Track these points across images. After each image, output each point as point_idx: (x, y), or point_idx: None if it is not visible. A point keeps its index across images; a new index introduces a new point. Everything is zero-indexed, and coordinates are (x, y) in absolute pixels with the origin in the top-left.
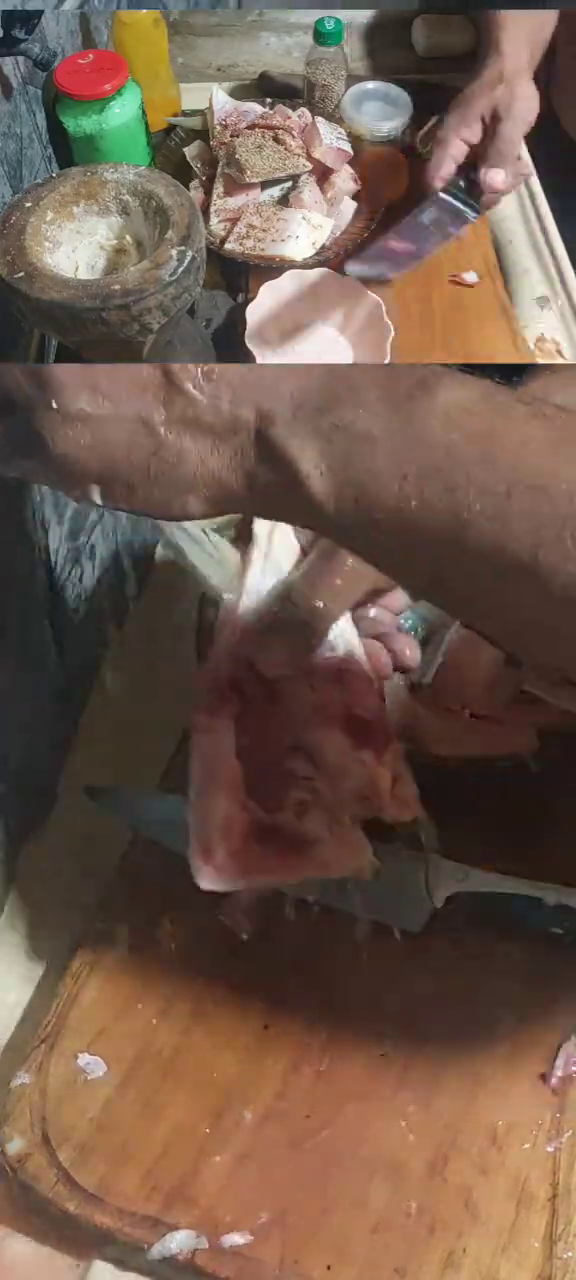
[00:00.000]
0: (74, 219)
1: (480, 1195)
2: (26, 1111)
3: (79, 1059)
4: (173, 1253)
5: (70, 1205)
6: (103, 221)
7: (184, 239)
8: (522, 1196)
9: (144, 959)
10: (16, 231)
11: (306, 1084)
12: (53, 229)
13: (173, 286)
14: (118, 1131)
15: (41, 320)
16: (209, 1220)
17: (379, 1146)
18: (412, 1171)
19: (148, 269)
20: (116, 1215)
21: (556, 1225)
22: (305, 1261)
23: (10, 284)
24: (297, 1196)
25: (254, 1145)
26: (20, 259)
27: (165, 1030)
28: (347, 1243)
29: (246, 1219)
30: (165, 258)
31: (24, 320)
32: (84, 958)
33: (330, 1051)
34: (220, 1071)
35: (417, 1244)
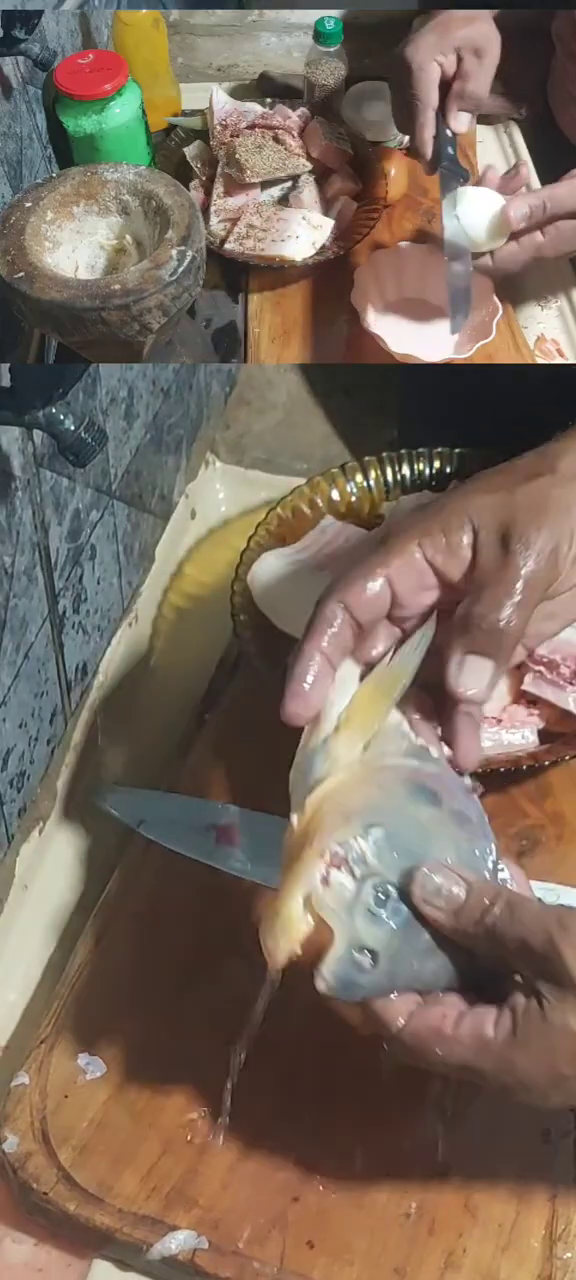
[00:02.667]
0: (74, 219)
1: (480, 1195)
2: (26, 1111)
3: (79, 1059)
4: (173, 1253)
5: (70, 1205)
6: (103, 221)
7: (184, 239)
8: (522, 1196)
9: (144, 959)
10: (16, 231)
11: (307, 1084)
12: (53, 229)
13: (173, 286)
14: (118, 1131)
15: (41, 320)
16: (209, 1220)
17: (379, 1147)
18: (413, 1171)
19: (148, 269)
20: (116, 1215)
21: (556, 1225)
22: (305, 1261)
23: (10, 284)
24: (298, 1196)
25: (254, 1145)
26: (20, 259)
27: (165, 1030)
28: (348, 1243)
29: (246, 1219)
30: (165, 258)
31: (24, 320)
32: (84, 957)
33: (330, 1051)
34: (220, 1071)
35: (417, 1244)
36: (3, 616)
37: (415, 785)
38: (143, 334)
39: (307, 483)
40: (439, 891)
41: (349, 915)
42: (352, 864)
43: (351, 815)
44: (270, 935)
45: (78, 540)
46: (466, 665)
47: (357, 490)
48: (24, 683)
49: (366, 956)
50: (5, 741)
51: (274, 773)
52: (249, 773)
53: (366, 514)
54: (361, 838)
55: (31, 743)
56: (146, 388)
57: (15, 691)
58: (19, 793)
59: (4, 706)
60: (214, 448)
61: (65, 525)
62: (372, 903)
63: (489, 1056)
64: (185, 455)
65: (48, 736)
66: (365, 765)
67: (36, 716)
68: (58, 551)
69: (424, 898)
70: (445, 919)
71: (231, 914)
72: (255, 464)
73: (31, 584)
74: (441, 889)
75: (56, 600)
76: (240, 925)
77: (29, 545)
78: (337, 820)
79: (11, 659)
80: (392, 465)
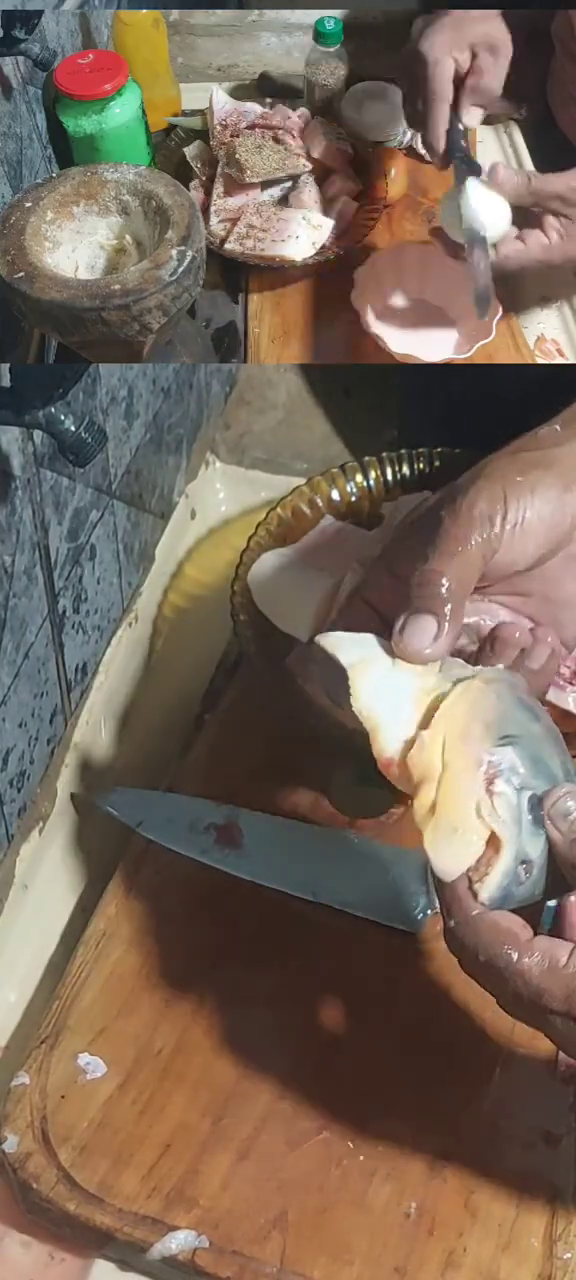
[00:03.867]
0: (74, 219)
1: (480, 1195)
2: (26, 1111)
3: (79, 1059)
4: (173, 1253)
5: (70, 1205)
6: (103, 221)
7: (184, 239)
8: (522, 1196)
9: (144, 959)
10: (16, 231)
11: (306, 1084)
12: (53, 229)
13: (173, 286)
14: (118, 1131)
15: (41, 320)
16: (209, 1220)
17: (379, 1146)
18: (412, 1171)
19: (148, 269)
20: (117, 1215)
21: (556, 1225)
22: (305, 1261)
23: (10, 284)
24: (298, 1196)
25: (254, 1145)
26: (20, 259)
27: (165, 1030)
28: (347, 1243)
29: (246, 1219)
30: (165, 258)
31: (24, 320)
32: (84, 957)
33: (330, 1050)
34: (220, 1071)
35: (417, 1244)
36: (3, 616)
37: (519, 699)
38: (143, 334)
39: (307, 483)
40: (567, 815)
41: (517, 827)
42: (508, 774)
43: (491, 725)
44: (446, 850)
45: (77, 540)
46: (408, 625)
47: (357, 490)
48: (24, 683)
49: (523, 869)
50: (5, 741)
51: (273, 772)
52: (249, 773)
53: (366, 514)
54: (507, 748)
55: (31, 743)
56: (146, 387)
57: (15, 691)
58: (19, 793)
59: (4, 706)
60: (214, 448)
61: (65, 525)
62: (532, 815)
63: (555, 979)
64: (185, 455)
65: (48, 736)
66: (479, 678)
67: (36, 716)
68: (58, 551)
69: (551, 815)
70: (562, 843)
71: (231, 914)
72: (255, 464)
73: (31, 584)
74: (571, 814)
75: (56, 600)
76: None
77: (29, 545)
78: (479, 729)
79: (11, 659)
80: (392, 465)
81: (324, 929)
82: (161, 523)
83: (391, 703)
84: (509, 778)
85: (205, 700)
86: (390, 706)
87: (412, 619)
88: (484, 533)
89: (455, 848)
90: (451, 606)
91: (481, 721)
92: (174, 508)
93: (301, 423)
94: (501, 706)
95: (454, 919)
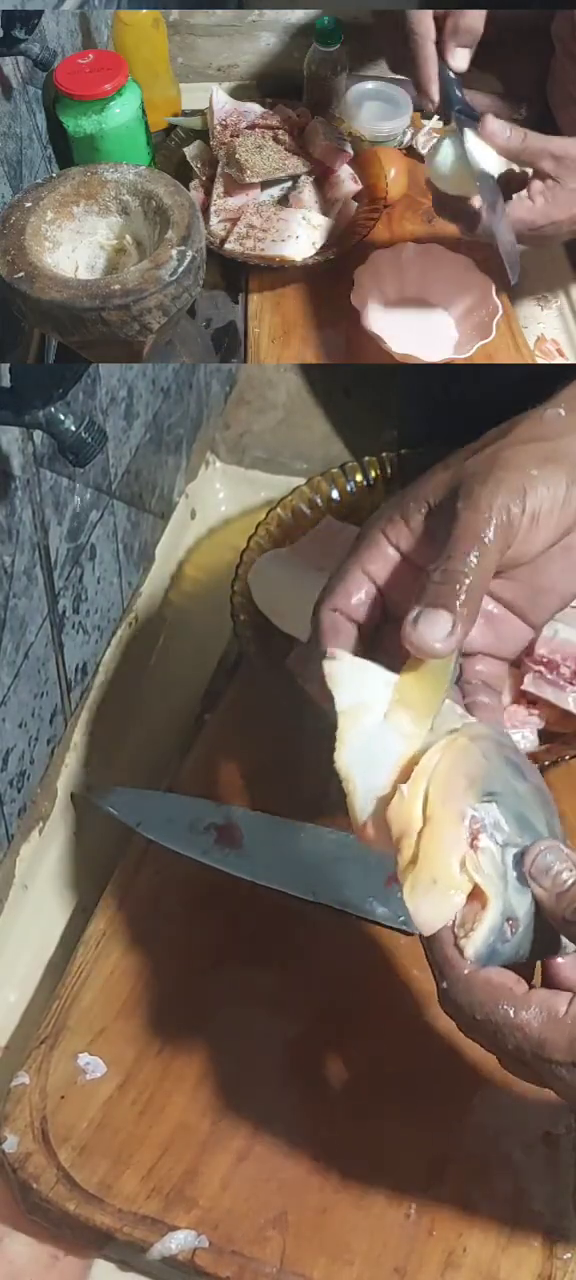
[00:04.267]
0: (74, 219)
1: (480, 1195)
2: (26, 1111)
3: (79, 1059)
4: (173, 1253)
5: (70, 1205)
6: (103, 221)
7: (184, 239)
8: (522, 1196)
9: (144, 959)
10: (16, 231)
11: (306, 1084)
12: (53, 229)
13: (173, 286)
14: (117, 1131)
15: (41, 320)
16: (209, 1220)
17: (379, 1147)
18: (412, 1171)
19: (148, 269)
20: (116, 1215)
21: (556, 1226)
22: (305, 1262)
23: (10, 284)
24: (297, 1196)
25: (254, 1145)
26: (20, 259)
27: (165, 1030)
28: (347, 1243)
29: (246, 1219)
30: (165, 258)
31: (24, 320)
32: (84, 957)
33: (330, 1050)
34: (220, 1071)
35: (417, 1244)
36: (2, 616)
37: (506, 758)
38: (143, 334)
39: (307, 483)
40: (548, 870)
41: (503, 882)
42: (492, 830)
43: (475, 780)
44: (426, 903)
45: (77, 540)
46: (422, 618)
47: (357, 490)
48: (24, 683)
49: (509, 926)
50: (5, 741)
51: (273, 772)
52: (249, 773)
53: (366, 514)
54: (491, 804)
55: (31, 743)
56: (146, 387)
57: (15, 691)
58: (19, 793)
59: (4, 706)
60: (214, 447)
61: (65, 525)
62: (516, 872)
63: (556, 1029)
64: (185, 455)
65: (48, 736)
66: (464, 734)
67: (36, 716)
68: (57, 551)
69: (532, 872)
70: (547, 898)
71: (231, 914)
72: (255, 464)
73: (31, 584)
74: (551, 869)
75: (56, 600)
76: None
77: (29, 545)
78: (463, 784)
79: (11, 659)
80: (392, 465)
81: (324, 929)
82: (161, 523)
83: (373, 766)
84: (492, 834)
85: (205, 700)
86: (371, 770)
87: (427, 613)
88: (503, 527)
89: (434, 900)
90: (467, 602)
91: (465, 776)
92: (174, 508)
93: (301, 423)
94: (486, 763)
95: (446, 980)
